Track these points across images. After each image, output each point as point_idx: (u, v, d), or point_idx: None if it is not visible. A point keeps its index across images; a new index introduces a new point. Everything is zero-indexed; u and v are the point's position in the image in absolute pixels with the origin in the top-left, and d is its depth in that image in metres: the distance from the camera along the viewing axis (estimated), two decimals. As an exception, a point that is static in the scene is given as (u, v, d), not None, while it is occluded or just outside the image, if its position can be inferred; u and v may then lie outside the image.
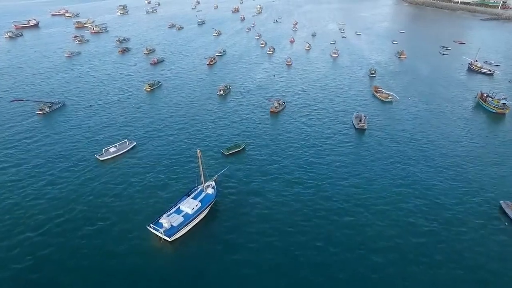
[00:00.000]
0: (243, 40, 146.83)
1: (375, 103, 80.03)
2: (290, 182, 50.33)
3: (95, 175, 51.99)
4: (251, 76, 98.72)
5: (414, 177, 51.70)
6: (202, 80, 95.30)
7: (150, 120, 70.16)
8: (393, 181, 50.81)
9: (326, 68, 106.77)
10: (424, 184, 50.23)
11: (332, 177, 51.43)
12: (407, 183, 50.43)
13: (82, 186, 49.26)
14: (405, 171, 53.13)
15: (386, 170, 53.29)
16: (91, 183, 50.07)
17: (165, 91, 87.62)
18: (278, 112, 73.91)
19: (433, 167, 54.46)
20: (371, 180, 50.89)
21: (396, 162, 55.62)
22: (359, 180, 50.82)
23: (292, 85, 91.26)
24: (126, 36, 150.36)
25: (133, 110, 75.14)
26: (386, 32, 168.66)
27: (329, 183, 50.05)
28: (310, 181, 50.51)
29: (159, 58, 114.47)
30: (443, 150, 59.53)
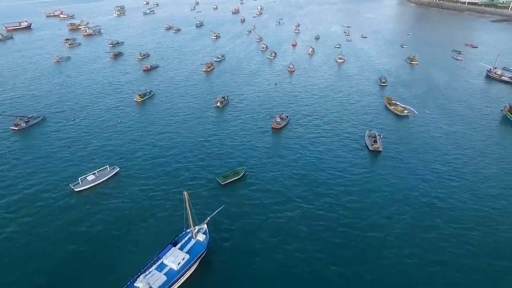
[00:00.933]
0: (243, 44, 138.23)
1: (389, 117, 71.34)
2: (295, 228, 41.78)
3: (65, 212, 43.52)
4: (251, 85, 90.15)
5: (443, 218, 43.35)
6: (198, 89, 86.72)
7: (137, 139, 61.45)
8: (418, 221, 42.37)
9: (332, 76, 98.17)
10: (457, 234, 41.80)
11: (346, 217, 42.85)
12: (434, 224, 42.04)
13: (46, 231, 40.70)
14: (430, 209, 44.73)
15: (409, 207, 44.86)
16: (59, 225, 41.49)
17: (157, 102, 79.10)
18: (281, 129, 65.40)
19: (462, 200, 46.05)
20: (391, 222, 42.50)
21: (421, 197, 47.13)
22: (380, 220, 42.36)
23: (295, 95, 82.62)
24: (120, 39, 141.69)
25: (119, 126, 66.50)
26: (393, 34, 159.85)
27: (342, 229, 41.56)
28: (319, 224, 41.95)
29: (153, 65, 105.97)
30: (477, 180, 51.10)
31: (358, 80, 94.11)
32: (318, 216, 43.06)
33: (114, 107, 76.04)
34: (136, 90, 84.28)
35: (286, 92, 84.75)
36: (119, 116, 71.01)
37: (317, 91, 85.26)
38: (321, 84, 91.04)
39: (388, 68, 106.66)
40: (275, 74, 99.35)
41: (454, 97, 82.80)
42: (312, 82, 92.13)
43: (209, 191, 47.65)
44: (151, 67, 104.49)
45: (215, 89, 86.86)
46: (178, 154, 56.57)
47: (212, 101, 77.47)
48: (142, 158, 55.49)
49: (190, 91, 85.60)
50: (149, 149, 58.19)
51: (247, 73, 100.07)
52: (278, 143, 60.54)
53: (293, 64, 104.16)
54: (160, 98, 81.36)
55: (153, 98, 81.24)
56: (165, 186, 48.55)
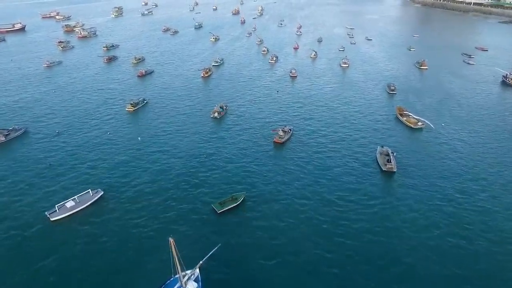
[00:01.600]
0: (243, 47, 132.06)
1: (401, 130, 65.10)
2: (302, 269, 35.61)
3: (35, 247, 37.53)
4: (251, 92, 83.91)
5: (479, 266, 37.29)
6: (194, 98, 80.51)
7: (126, 157, 55.25)
8: (445, 268, 36.18)
9: (337, 82, 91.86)
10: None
11: (359, 262, 36.68)
12: (468, 274, 35.84)
13: (9, 270, 34.73)
14: (460, 249, 38.58)
15: (434, 247, 38.65)
16: (25, 263, 35.59)
17: (150, 112, 73.01)
18: (283, 143, 59.32)
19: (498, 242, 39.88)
20: (413, 262, 36.42)
21: (447, 237, 40.96)
22: (398, 267, 36.23)
23: (298, 105, 76.16)
24: (115, 42, 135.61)
25: (107, 141, 60.30)
26: (399, 37, 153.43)
27: (358, 277, 35.50)
28: (330, 272, 35.83)
29: (148, 70, 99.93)
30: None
31: (364, 88, 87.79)
32: (327, 262, 36.84)
33: (104, 118, 69.97)
34: (129, 98, 78.32)
35: (289, 101, 78.52)
36: (108, 129, 65.01)
37: (322, 100, 78.81)
38: (325, 92, 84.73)
39: (396, 73, 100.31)
40: (276, 80, 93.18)
41: (471, 107, 76.10)
42: (315, 90, 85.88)
43: (203, 222, 41.49)
44: (146, 72, 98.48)
45: (213, 97, 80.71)
46: (171, 177, 50.34)
47: (209, 111, 71.36)
48: (130, 180, 49.30)
49: (186, 99, 79.42)
50: (137, 169, 52.01)
51: (247, 79, 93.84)
52: (281, 161, 54.26)
53: (295, 69, 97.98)
54: (153, 107, 75.25)
55: (146, 107, 75.13)
56: (154, 215, 42.53)
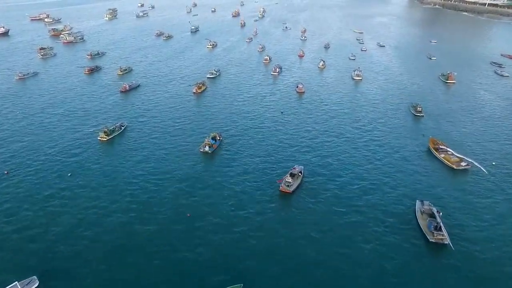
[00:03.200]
0: (242, 54, 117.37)
1: (439, 172, 50.07)
2: None
3: None
4: (251, 115, 69.25)
5: None
6: (182, 123, 65.94)
7: (77, 219, 40.34)
8: None
9: (351, 101, 77.03)
10: None
11: None
12: None
13: None
14: None
15: None
16: None
17: (127, 142, 58.66)
18: (292, 193, 45.12)
19: None
20: None
21: None
22: None
23: (307, 132, 61.66)
24: (102, 48, 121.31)
25: (65, 190, 45.72)
26: (414, 42, 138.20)
27: None
28: None
29: (132, 84, 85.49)
30: None
31: (384, 108, 72.81)
32: None
33: (69, 150, 55.64)
34: (104, 124, 64.36)
35: (296, 127, 63.99)
36: (71, 168, 50.84)
37: (335, 127, 63.60)
38: (338, 114, 69.61)
39: (418, 89, 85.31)
40: (280, 97, 78.60)
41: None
42: (327, 111, 71.06)
43: None
44: (130, 87, 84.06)
45: (205, 121, 66.17)
46: (141, 257, 36.01)
47: (198, 143, 57.12)
48: (75, 267, 34.88)
49: (173, 125, 64.86)
50: (89, 243, 37.66)
51: (246, 97, 79.01)
52: (291, 224, 39.89)
53: (302, 84, 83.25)
54: (131, 136, 60.90)
55: (123, 136, 60.88)
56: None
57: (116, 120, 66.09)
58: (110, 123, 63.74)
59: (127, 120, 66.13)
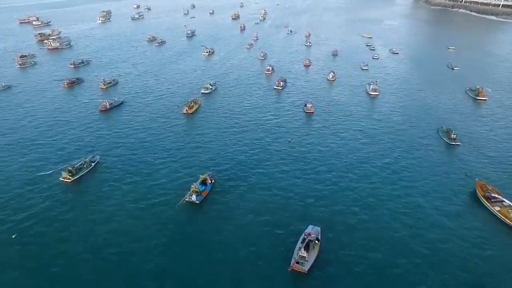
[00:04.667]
0: (242, 63, 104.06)
1: (492, 227, 37.30)
2: None
3: None
4: (251, 146, 55.41)
5: None
6: (167, 157, 52.25)
7: None
8: None
9: (369, 125, 63.29)
10: None
11: None
12: None
13: None
14: None
15: None
16: None
17: (93, 188, 45.70)
18: (308, 273, 32.30)
19: None
20: None
21: None
22: None
23: (321, 173, 48.16)
24: (89, 56, 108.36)
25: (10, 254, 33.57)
26: (429, 48, 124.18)
27: None
28: None
29: (114, 101, 72.39)
30: None
31: (410, 135, 59.14)
32: None
33: (21, 200, 43.07)
34: (74, 154, 51.77)
35: (306, 163, 50.34)
36: (17, 229, 38.15)
37: (356, 166, 49.72)
38: (355, 144, 55.71)
39: (445, 107, 71.77)
40: (286, 119, 65.28)
41: None
42: (341, 139, 57.71)
43: None
44: (112, 105, 71.07)
45: (195, 155, 52.66)
46: None
47: (184, 188, 44.22)
48: None
49: (154, 161, 51.35)
50: None
51: (245, 119, 65.42)
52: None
53: (311, 103, 69.78)
54: (103, 176, 47.86)
55: (90, 176, 47.93)
56: None
57: (87, 152, 53.22)
58: (78, 157, 50.90)
59: (100, 153, 53.10)
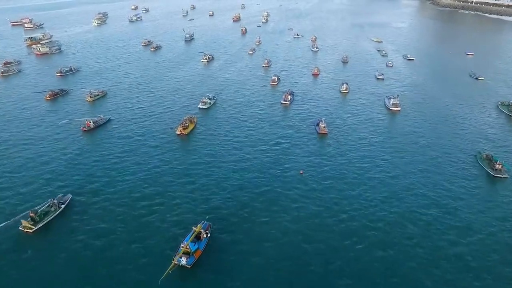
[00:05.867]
0: (244, 71, 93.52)
1: None
2: None
3: None
4: (255, 182, 44.83)
5: None
6: (153, 201, 41.14)
7: None
8: None
9: (393, 148, 53.01)
10: None
11: None
12: None
13: None
14: None
15: None
16: None
17: (65, 237, 35.75)
18: None
19: None
20: None
21: None
22: None
23: (345, 226, 38.04)
24: (77, 64, 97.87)
25: None
26: (446, 54, 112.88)
27: None
28: None
29: (100, 120, 61.72)
30: None
31: (444, 163, 48.77)
32: None
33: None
34: (40, 196, 41.86)
35: (325, 210, 40.08)
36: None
37: (384, 208, 39.65)
38: (383, 179, 45.14)
39: (479, 127, 60.70)
40: (297, 144, 54.46)
41: None
42: (363, 170, 47.30)
43: None
44: (96, 124, 60.80)
45: (188, 196, 42.12)
46: None
47: (173, 245, 34.16)
48: None
49: (137, 202, 40.75)
50: None
51: (248, 143, 54.67)
52: None
53: (324, 122, 58.52)
54: (74, 222, 37.78)
55: (60, 222, 37.88)
56: None
57: (58, 188, 43.24)
58: (46, 195, 40.98)
59: (74, 188, 43.15)
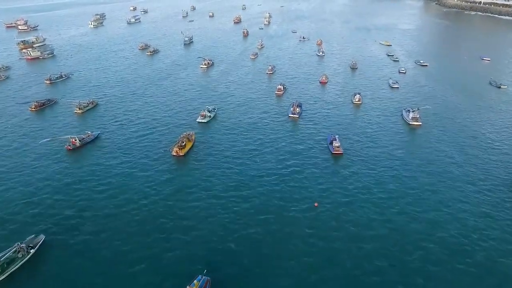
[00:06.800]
0: (246, 79, 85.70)
1: None
2: None
3: None
4: (262, 223, 37.57)
5: None
6: (143, 248, 33.99)
7: None
8: None
9: (419, 175, 45.28)
10: None
11: None
12: None
13: None
14: None
15: None
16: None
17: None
18: None
19: None
20: None
21: None
22: None
23: (370, 271, 31.36)
24: (69, 70, 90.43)
25: None
26: (460, 59, 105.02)
27: None
28: None
29: (88, 136, 54.01)
30: None
31: (485, 198, 41.84)
32: None
33: None
34: (6, 236, 34.66)
35: (349, 257, 33.54)
36: None
37: (421, 261, 33.34)
38: (414, 216, 37.70)
39: (504, 138, 54.39)
40: (307, 168, 46.88)
41: None
42: (385, 199, 40.67)
43: None
44: (83, 142, 53.42)
45: (183, 246, 34.65)
46: None
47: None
48: None
49: (121, 255, 33.29)
50: None
51: (252, 167, 46.90)
52: None
53: (338, 141, 51.17)
54: (44, 275, 30.77)
55: (28, 272, 30.57)
56: None
57: (29, 226, 36.07)
58: (13, 238, 33.79)
59: (48, 226, 35.96)
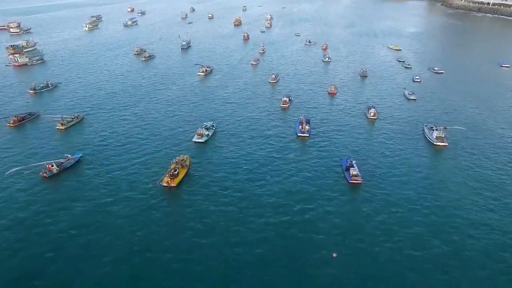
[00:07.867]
0: (248, 89, 77.34)
1: None
2: None
3: None
4: (269, 270, 30.55)
5: None
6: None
7: None
8: None
9: (451, 213, 37.90)
10: None
11: None
12: None
13: None
14: None
15: None
16: None
17: None
18: None
19: None
20: None
21: None
22: None
23: None
24: (56, 78, 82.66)
25: None
26: (476, 66, 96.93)
27: None
28: None
29: (65, 162, 46.18)
30: None
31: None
32: None
33: None
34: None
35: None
36: None
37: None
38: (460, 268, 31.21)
39: None
40: (322, 204, 39.43)
41: None
42: (417, 246, 33.19)
43: None
44: (61, 167, 45.63)
45: None
46: None
47: None
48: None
49: None
50: None
51: (257, 203, 39.09)
52: None
53: (355, 165, 44.15)
54: None
55: None
56: None
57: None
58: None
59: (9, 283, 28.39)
